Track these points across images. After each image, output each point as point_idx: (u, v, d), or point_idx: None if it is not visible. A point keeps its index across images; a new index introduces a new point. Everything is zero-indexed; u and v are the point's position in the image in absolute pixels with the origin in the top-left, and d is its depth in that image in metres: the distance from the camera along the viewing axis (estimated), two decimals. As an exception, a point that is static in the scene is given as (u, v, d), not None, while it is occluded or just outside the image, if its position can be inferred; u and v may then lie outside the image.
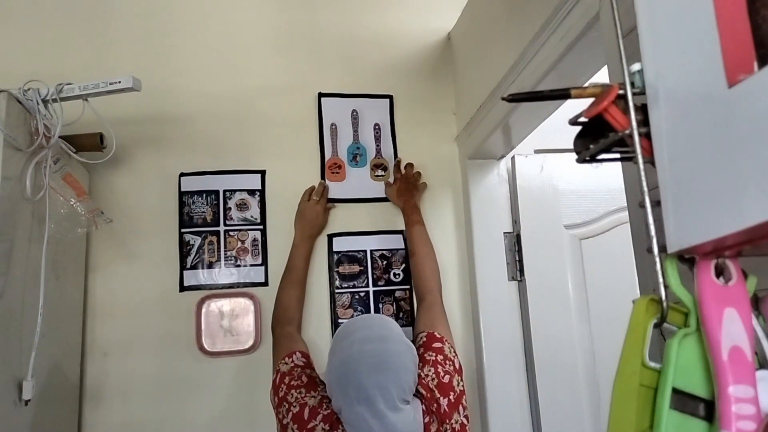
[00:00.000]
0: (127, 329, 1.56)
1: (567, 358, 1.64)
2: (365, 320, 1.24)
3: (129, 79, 1.28)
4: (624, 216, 1.10)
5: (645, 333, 0.52)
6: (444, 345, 1.29)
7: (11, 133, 1.17)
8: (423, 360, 1.25)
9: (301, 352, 1.34)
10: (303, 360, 1.32)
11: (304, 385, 1.23)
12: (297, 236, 1.63)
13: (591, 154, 0.60)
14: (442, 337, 1.31)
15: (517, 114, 1.44)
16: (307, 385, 1.24)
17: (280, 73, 1.80)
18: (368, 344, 1.14)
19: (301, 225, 1.64)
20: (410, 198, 1.67)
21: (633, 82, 0.55)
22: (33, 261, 1.23)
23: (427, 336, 1.31)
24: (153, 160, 1.67)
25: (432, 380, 1.20)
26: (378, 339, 1.15)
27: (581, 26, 1.07)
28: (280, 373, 1.29)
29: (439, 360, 1.25)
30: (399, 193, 1.69)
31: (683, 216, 0.49)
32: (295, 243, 1.62)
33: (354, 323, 1.22)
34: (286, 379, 1.26)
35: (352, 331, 1.18)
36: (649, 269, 0.58)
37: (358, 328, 1.19)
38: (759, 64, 0.43)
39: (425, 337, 1.31)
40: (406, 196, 1.67)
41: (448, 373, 1.23)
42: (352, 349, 1.13)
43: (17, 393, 1.15)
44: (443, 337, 1.31)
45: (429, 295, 1.46)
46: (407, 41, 1.89)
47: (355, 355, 1.12)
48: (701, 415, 0.50)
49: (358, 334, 1.16)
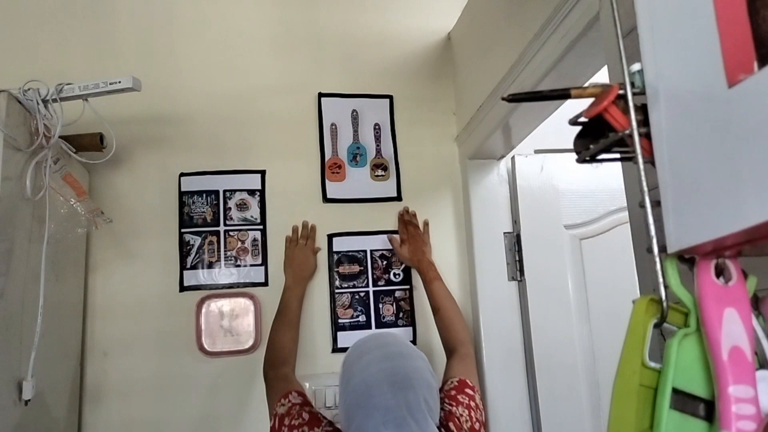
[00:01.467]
0: (127, 329, 1.56)
1: (567, 358, 1.64)
2: (377, 339, 1.17)
3: (129, 79, 1.28)
4: (624, 216, 1.10)
5: (645, 333, 0.52)
6: (476, 394, 1.27)
7: (11, 133, 1.17)
8: (455, 400, 1.22)
9: (297, 392, 1.26)
10: (300, 398, 1.25)
11: (307, 423, 1.16)
12: (288, 281, 1.59)
13: (591, 154, 0.60)
14: (474, 386, 1.29)
15: (517, 114, 1.44)
16: (310, 422, 1.17)
17: (280, 73, 1.80)
18: (387, 362, 1.07)
19: (292, 271, 1.60)
20: (422, 256, 1.63)
21: (633, 82, 0.55)
22: (33, 261, 1.23)
23: (459, 381, 1.29)
24: (153, 160, 1.67)
25: (466, 421, 1.18)
26: (397, 356, 1.09)
27: (581, 26, 1.07)
28: (278, 417, 1.21)
29: (472, 406, 1.23)
30: (411, 253, 1.65)
31: (683, 216, 0.49)
32: (287, 286, 1.58)
33: (365, 343, 1.16)
34: (286, 420, 1.19)
35: (366, 351, 1.12)
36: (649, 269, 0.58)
37: (372, 347, 1.13)
38: (759, 64, 0.43)
39: (457, 381, 1.29)
40: (418, 255, 1.64)
41: (479, 421, 1.21)
42: (371, 369, 1.06)
43: (17, 393, 1.15)
44: (475, 387, 1.29)
45: (462, 347, 1.43)
46: (407, 41, 1.89)
47: (376, 374, 1.05)
48: (701, 415, 0.50)
49: (375, 353, 1.10)
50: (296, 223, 1.69)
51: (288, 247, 1.65)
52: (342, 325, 1.65)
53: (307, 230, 1.68)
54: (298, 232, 1.68)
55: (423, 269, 1.61)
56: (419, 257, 1.63)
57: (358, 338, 1.21)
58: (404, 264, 1.71)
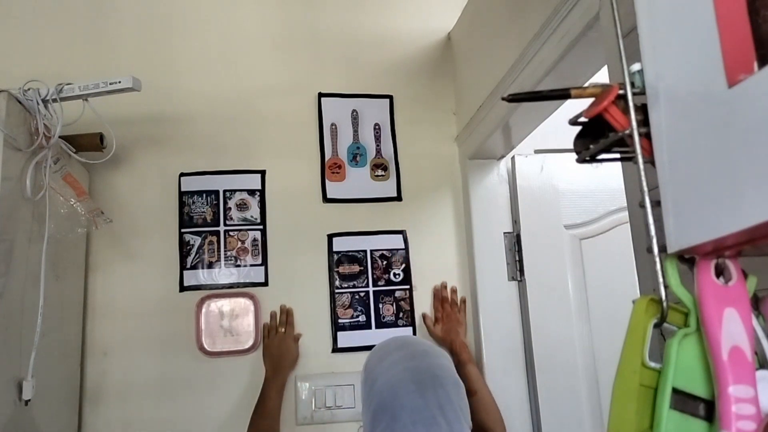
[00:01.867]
0: (127, 329, 1.56)
1: (567, 358, 1.64)
2: (397, 340, 1.12)
3: (129, 79, 1.28)
4: (624, 216, 1.10)
5: (645, 333, 0.52)
6: None
7: (11, 133, 1.17)
8: None
9: None
10: None
11: None
12: (268, 372, 1.52)
13: (591, 154, 0.60)
14: None
15: (517, 114, 1.44)
16: None
17: (280, 73, 1.80)
18: (412, 361, 1.01)
19: (272, 363, 1.54)
20: (456, 337, 1.61)
21: (633, 82, 0.55)
22: (33, 261, 1.23)
23: None
24: (153, 160, 1.67)
25: None
26: (421, 354, 1.03)
27: (581, 26, 1.07)
28: None
29: None
30: (445, 333, 1.62)
31: (683, 216, 0.49)
32: (267, 377, 1.51)
33: (386, 345, 1.09)
34: None
35: (387, 353, 1.06)
36: (649, 269, 0.58)
37: (393, 348, 1.06)
38: (759, 64, 0.43)
39: None
40: (452, 335, 1.61)
41: None
42: (396, 369, 1.00)
43: (17, 393, 1.15)
44: None
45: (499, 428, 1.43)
46: (407, 41, 1.89)
47: (401, 374, 0.98)
48: (701, 415, 0.49)
49: (397, 354, 1.04)
50: (296, 223, 1.69)
51: (266, 336, 1.58)
52: (342, 325, 1.65)
53: (285, 316, 1.60)
54: (276, 318, 1.60)
55: (456, 350, 1.58)
56: (452, 338, 1.61)
57: (358, 338, 1.20)
58: (404, 264, 1.71)
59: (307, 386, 1.58)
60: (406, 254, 1.72)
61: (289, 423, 1.55)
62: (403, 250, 1.72)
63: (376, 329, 1.66)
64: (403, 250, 1.72)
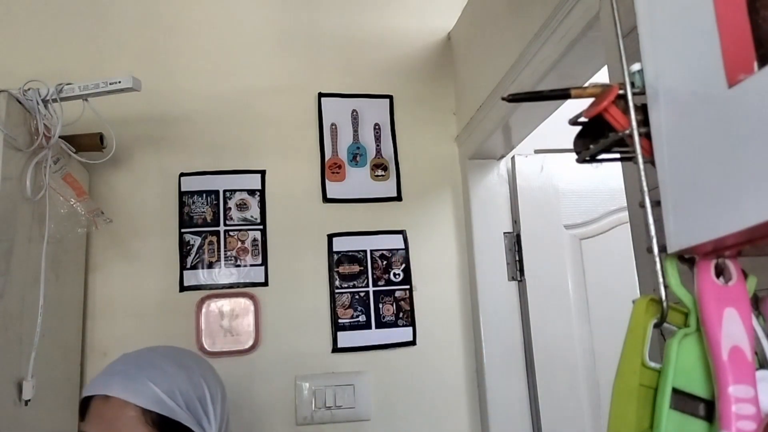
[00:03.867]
0: (127, 329, 1.56)
1: (567, 358, 1.64)
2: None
3: (129, 79, 1.28)
4: (624, 216, 1.10)
5: (645, 333, 0.52)
6: None
7: (11, 133, 1.17)
8: None
9: None
10: None
11: None
12: None
13: (591, 154, 0.60)
14: None
15: (517, 114, 1.44)
16: None
17: (280, 73, 1.79)
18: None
19: None
20: None
21: (633, 82, 0.55)
22: (33, 261, 1.23)
23: None
24: (153, 160, 1.67)
25: None
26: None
27: (581, 26, 1.07)
28: None
29: None
30: None
31: (683, 216, 0.49)
32: None
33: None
34: None
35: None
36: (649, 269, 0.58)
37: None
38: (759, 64, 0.43)
39: None
40: None
41: None
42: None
43: (17, 393, 1.15)
44: None
45: None
46: (407, 41, 1.89)
47: None
48: (701, 415, 0.49)
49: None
50: (296, 223, 1.69)
51: None
52: (342, 325, 1.65)
53: None
54: None
55: None
56: None
57: (358, 338, 1.18)
58: (404, 264, 1.71)
59: (307, 386, 1.58)
60: (406, 254, 1.72)
61: (288, 423, 1.55)
62: (403, 250, 1.72)
63: (376, 329, 1.66)
64: (403, 250, 1.72)
